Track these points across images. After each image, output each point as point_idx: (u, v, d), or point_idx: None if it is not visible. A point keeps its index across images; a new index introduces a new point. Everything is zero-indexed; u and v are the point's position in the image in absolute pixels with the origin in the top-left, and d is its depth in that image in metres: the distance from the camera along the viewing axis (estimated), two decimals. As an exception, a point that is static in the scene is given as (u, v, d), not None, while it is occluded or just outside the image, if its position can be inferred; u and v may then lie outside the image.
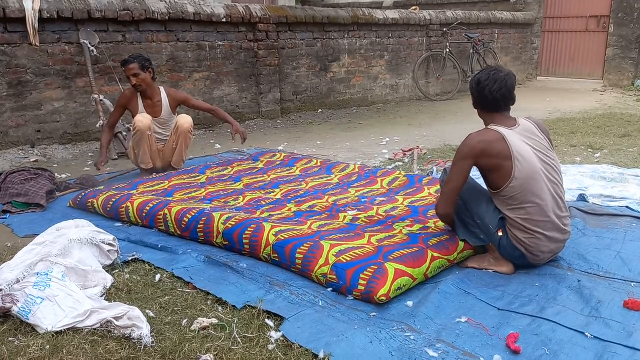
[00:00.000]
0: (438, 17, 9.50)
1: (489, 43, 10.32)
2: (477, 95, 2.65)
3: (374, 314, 2.27)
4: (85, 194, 3.76)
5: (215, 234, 3.00)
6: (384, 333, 2.12)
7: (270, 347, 2.06)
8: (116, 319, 2.14)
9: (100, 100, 5.43)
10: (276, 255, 2.72)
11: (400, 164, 4.99)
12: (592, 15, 10.89)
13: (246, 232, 2.87)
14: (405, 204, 3.52)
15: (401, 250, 2.60)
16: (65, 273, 2.40)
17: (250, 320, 2.24)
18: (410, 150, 5.42)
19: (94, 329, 2.16)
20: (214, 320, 2.22)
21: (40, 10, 5.18)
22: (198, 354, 2.00)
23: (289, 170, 4.51)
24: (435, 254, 2.62)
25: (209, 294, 2.48)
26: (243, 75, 7.10)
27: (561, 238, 2.65)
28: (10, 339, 2.12)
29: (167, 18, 6.13)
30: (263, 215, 3.30)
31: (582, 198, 3.72)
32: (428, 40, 9.47)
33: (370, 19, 8.41)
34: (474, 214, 2.69)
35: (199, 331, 2.17)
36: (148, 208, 3.34)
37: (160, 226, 3.26)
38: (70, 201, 3.82)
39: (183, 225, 3.13)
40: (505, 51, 11.15)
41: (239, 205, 3.55)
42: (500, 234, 2.65)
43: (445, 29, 9.48)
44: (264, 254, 2.78)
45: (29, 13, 5.12)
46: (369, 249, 2.66)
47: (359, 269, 2.43)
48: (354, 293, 2.39)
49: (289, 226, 2.96)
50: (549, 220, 2.57)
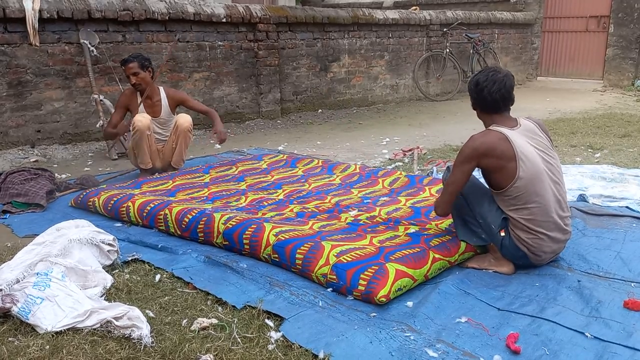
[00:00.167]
0: (438, 17, 9.50)
1: (489, 43, 10.32)
2: (476, 96, 2.64)
3: (373, 314, 2.27)
4: (86, 193, 3.76)
5: (215, 234, 2.99)
6: (383, 333, 2.12)
7: (270, 347, 2.06)
8: (116, 319, 2.14)
9: (100, 100, 5.43)
10: (276, 255, 2.72)
11: (400, 164, 4.99)
12: (592, 15, 10.89)
13: (246, 232, 2.87)
14: (408, 204, 3.52)
15: (402, 251, 2.60)
16: (65, 273, 2.40)
17: (250, 320, 2.24)
18: (410, 150, 5.42)
19: (94, 329, 2.16)
20: (214, 321, 2.22)
21: (40, 10, 5.18)
22: (198, 354, 2.00)
23: (292, 171, 4.51)
24: (436, 255, 2.62)
25: (208, 294, 2.48)
26: (243, 75, 7.10)
27: (563, 238, 2.65)
28: (10, 339, 2.12)
29: (167, 18, 6.13)
30: (265, 215, 3.30)
31: (582, 198, 3.72)
32: (428, 40, 9.47)
33: (370, 19, 8.41)
34: (476, 213, 2.69)
35: (198, 331, 2.17)
36: (149, 208, 3.34)
37: (160, 226, 3.26)
38: (72, 200, 3.82)
39: (183, 226, 3.13)
40: (505, 51, 11.15)
41: (241, 206, 3.55)
42: (503, 234, 2.65)
43: (445, 29, 9.48)
44: (264, 254, 2.78)
45: (29, 13, 5.12)
46: (371, 249, 2.66)
47: (359, 270, 2.43)
48: (354, 293, 2.39)
49: (289, 226, 2.96)
50: (551, 220, 2.57)
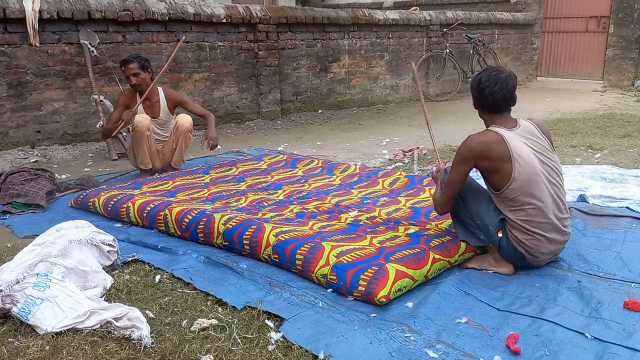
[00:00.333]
0: (438, 18, 9.51)
1: (489, 43, 10.32)
2: (478, 95, 2.64)
3: (373, 314, 2.27)
4: (86, 194, 3.76)
5: (215, 235, 2.99)
6: (383, 334, 2.12)
7: (270, 348, 2.06)
8: (116, 319, 2.14)
9: (100, 101, 5.43)
10: (276, 256, 2.72)
11: (400, 164, 4.99)
12: (592, 15, 10.89)
13: (246, 233, 2.87)
14: (408, 205, 3.52)
15: (403, 251, 2.60)
16: (65, 274, 2.39)
17: (250, 321, 2.24)
18: (410, 150, 5.42)
19: (94, 330, 2.16)
20: (214, 321, 2.22)
21: (40, 11, 5.18)
22: (198, 355, 2.00)
23: (292, 171, 4.51)
24: (436, 256, 2.62)
25: (208, 294, 2.48)
26: (243, 75, 7.10)
27: (561, 239, 2.65)
28: (10, 340, 2.12)
29: (167, 18, 6.13)
30: (265, 216, 3.30)
31: (582, 199, 3.72)
32: (428, 40, 9.48)
33: (370, 20, 8.41)
34: (474, 215, 2.69)
35: (198, 332, 2.17)
36: (149, 208, 3.34)
37: (160, 227, 3.25)
38: (72, 201, 3.82)
39: (183, 226, 3.13)
40: (505, 51, 11.15)
41: (241, 206, 3.55)
42: (500, 234, 2.65)
43: (445, 30, 9.48)
44: (264, 255, 2.78)
45: (29, 13, 5.12)
46: (371, 250, 2.66)
47: (359, 270, 2.43)
48: (354, 294, 2.39)
49: (289, 227, 2.95)
50: (549, 221, 2.57)
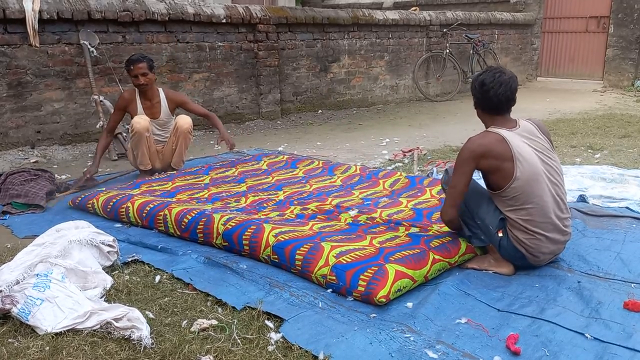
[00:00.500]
0: (438, 18, 9.51)
1: (489, 44, 10.32)
2: (481, 97, 2.62)
3: (373, 315, 2.27)
4: (85, 195, 3.76)
5: (214, 235, 2.99)
6: (383, 334, 2.12)
7: (270, 349, 2.06)
8: (116, 320, 2.14)
9: (100, 101, 5.43)
10: (276, 256, 2.72)
11: (400, 164, 4.99)
12: (592, 15, 10.89)
13: (246, 233, 2.87)
14: (409, 206, 3.51)
15: (402, 252, 2.60)
16: (64, 274, 2.39)
17: (250, 321, 2.24)
18: (410, 151, 5.42)
19: (94, 330, 2.16)
20: (214, 322, 2.22)
21: (40, 11, 5.18)
22: (198, 355, 2.00)
23: (292, 172, 4.51)
24: (436, 257, 2.62)
25: (208, 295, 2.48)
26: (243, 76, 7.10)
27: (562, 239, 2.65)
28: (9, 340, 2.12)
29: (167, 19, 6.13)
30: (265, 216, 3.29)
31: (582, 199, 3.72)
32: (428, 40, 9.47)
33: (370, 20, 8.41)
34: (474, 215, 2.69)
35: (198, 332, 2.16)
36: (148, 209, 3.34)
37: (159, 227, 3.25)
38: (70, 201, 3.82)
39: (183, 226, 3.12)
40: (505, 52, 11.15)
41: (241, 207, 3.54)
42: (500, 234, 2.65)
43: (445, 30, 9.48)
44: (264, 255, 2.78)
45: (29, 14, 5.12)
46: (370, 250, 2.66)
47: (359, 270, 2.43)
48: (354, 294, 2.39)
49: (289, 227, 2.95)
50: (549, 221, 2.57)
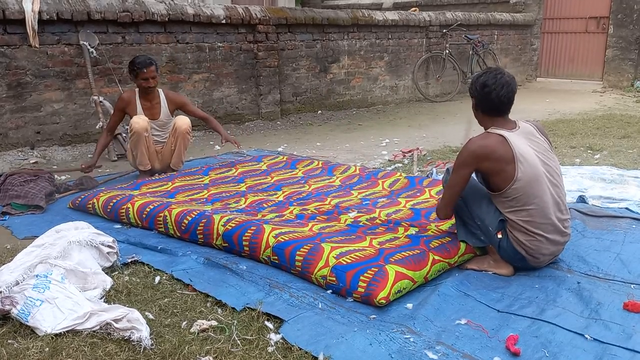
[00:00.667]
0: (437, 19, 9.51)
1: (489, 44, 10.33)
2: (482, 98, 2.60)
3: (373, 316, 2.27)
4: (85, 196, 3.76)
5: (214, 236, 2.99)
6: (383, 335, 2.12)
7: (270, 350, 2.05)
8: (115, 321, 2.14)
9: (100, 102, 5.43)
10: (276, 257, 2.72)
11: (400, 165, 4.99)
12: (592, 16, 10.89)
13: (246, 234, 2.87)
14: (408, 206, 3.51)
15: (402, 253, 2.60)
16: (64, 275, 2.39)
17: (250, 322, 2.24)
18: (409, 151, 5.42)
19: (93, 331, 2.16)
20: (214, 323, 2.22)
21: (39, 12, 5.18)
22: (197, 356, 2.00)
23: (292, 172, 4.51)
24: (436, 257, 2.62)
25: (208, 296, 2.48)
26: (243, 76, 7.10)
27: (561, 240, 2.65)
28: (9, 341, 2.12)
29: (167, 19, 6.13)
30: (265, 217, 3.30)
31: (582, 199, 3.72)
32: (427, 41, 9.48)
33: (369, 20, 8.41)
34: (474, 215, 2.68)
35: (198, 333, 2.16)
36: (148, 209, 3.34)
37: (159, 228, 3.25)
38: (70, 202, 3.82)
39: (183, 227, 3.12)
40: (505, 52, 11.15)
41: (241, 207, 3.54)
42: (500, 236, 2.65)
43: (444, 30, 9.49)
44: (264, 256, 2.78)
45: (29, 14, 5.12)
46: (370, 251, 2.66)
47: (359, 271, 2.43)
48: (354, 295, 2.39)
49: (289, 228, 2.95)
50: (550, 222, 2.57)
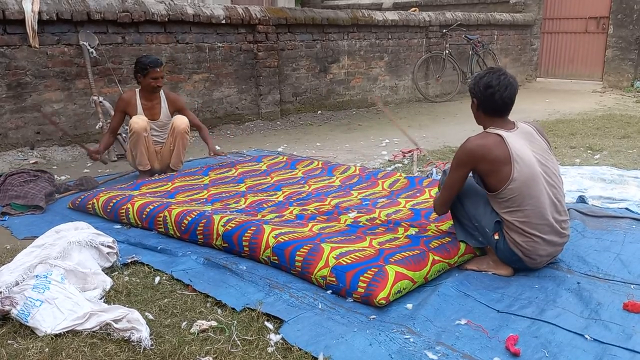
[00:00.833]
0: (437, 19, 9.51)
1: (489, 44, 10.33)
2: (484, 99, 2.58)
3: (373, 316, 2.27)
4: (85, 196, 3.76)
5: (214, 236, 2.99)
6: (383, 335, 2.12)
7: (270, 350, 2.05)
8: (115, 321, 2.14)
9: (100, 102, 5.43)
10: (276, 257, 2.72)
11: (400, 165, 4.99)
12: (592, 16, 10.90)
13: (246, 234, 2.87)
14: (408, 206, 3.51)
15: (402, 253, 2.60)
16: (64, 275, 2.39)
17: (250, 322, 2.24)
18: (409, 151, 5.42)
19: (93, 332, 2.16)
20: (213, 323, 2.22)
21: (39, 12, 5.18)
22: (197, 357, 2.00)
23: (292, 172, 4.51)
24: (436, 257, 2.62)
25: (208, 296, 2.48)
26: (242, 76, 7.10)
27: (559, 241, 2.64)
28: (9, 342, 2.12)
29: (167, 19, 6.13)
30: (264, 217, 3.30)
31: (582, 200, 3.72)
32: (427, 41, 9.48)
33: (369, 21, 8.41)
34: (471, 216, 2.68)
35: (198, 334, 2.16)
36: (148, 210, 3.34)
37: (159, 228, 3.25)
38: (70, 202, 3.82)
39: (182, 227, 3.12)
40: (505, 52, 11.16)
41: (241, 208, 3.54)
42: (497, 237, 2.64)
43: (444, 30, 9.49)
44: (264, 256, 2.78)
45: (29, 15, 5.12)
46: (370, 251, 2.66)
47: (359, 272, 2.43)
48: (354, 296, 2.39)
49: (289, 228, 2.95)
50: (546, 223, 2.56)
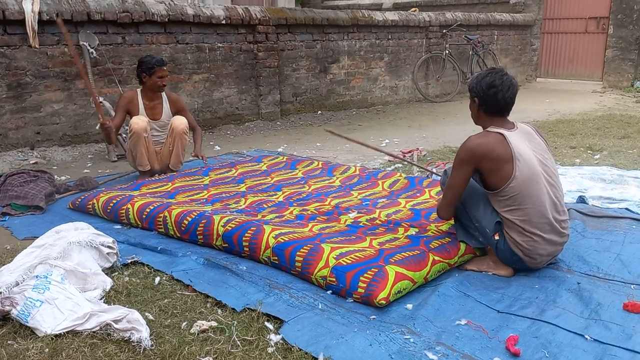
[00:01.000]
0: (437, 19, 9.51)
1: (489, 44, 10.33)
2: (487, 98, 2.58)
3: (373, 316, 2.27)
4: (85, 196, 3.76)
5: (214, 237, 2.99)
6: (383, 336, 2.12)
7: (270, 350, 2.05)
8: (115, 321, 2.14)
9: (100, 102, 5.42)
10: (276, 257, 2.72)
11: (400, 165, 4.99)
12: (592, 16, 10.90)
13: (246, 235, 2.87)
14: (408, 207, 3.51)
15: (402, 253, 2.60)
16: (64, 276, 2.39)
17: (250, 323, 2.24)
18: (409, 151, 5.42)
19: (93, 332, 2.16)
20: (214, 323, 2.22)
21: (39, 12, 5.18)
22: (197, 357, 2.00)
23: (292, 173, 4.51)
24: (436, 258, 2.62)
25: (208, 296, 2.48)
26: (242, 76, 7.10)
27: (559, 241, 2.64)
28: (9, 342, 2.12)
29: (167, 20, 6.13)
30: (264, 217, 3.30)
31: (582, 200, 3.72)
32: (427, 41, 9.48)
33: (369, 21, 8.41)
34: (472, 217, 2.68)
35: (198, 334, 2.16)
36: (148, 210, 3.34)
37: (159, 228, 3.25)
38: (70, 203, 3.82)
39: (182, 228, 3.12)
40: (505, 52, 11.16)
41: (241, 208, 3.54)
42: (497, 237, 2.64)
43: (444, 31, 9.49)
44: (264, 257, 2.78)
45: (29, 15, 5.12)
46: (370, 251, 2.66)
47: (359, 272, 2.43)
48: (354, 296, 2.39)
49: (289, 229, 2.95)
50: (546, 222, 2.56)
